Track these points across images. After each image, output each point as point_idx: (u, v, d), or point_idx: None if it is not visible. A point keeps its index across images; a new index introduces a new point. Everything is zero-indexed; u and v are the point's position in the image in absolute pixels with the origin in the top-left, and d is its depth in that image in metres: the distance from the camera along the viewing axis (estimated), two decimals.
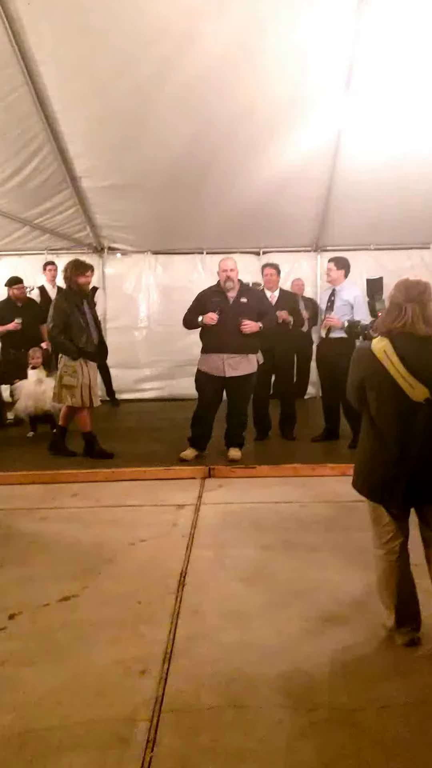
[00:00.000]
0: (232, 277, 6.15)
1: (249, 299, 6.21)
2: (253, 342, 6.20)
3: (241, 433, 6.43)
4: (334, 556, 4.13)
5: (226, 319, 6.07)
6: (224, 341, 6.12)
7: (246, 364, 6.19)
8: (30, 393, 7.26)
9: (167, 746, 2.39)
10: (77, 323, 6.27)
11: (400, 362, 2.77)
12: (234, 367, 6.15)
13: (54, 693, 2.73)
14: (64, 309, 6.26)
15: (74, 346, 6.26)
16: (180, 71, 5.71)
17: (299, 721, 2.51)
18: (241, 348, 6.13)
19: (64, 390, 6.36)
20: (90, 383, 6.38)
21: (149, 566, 4.04)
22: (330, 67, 5.71)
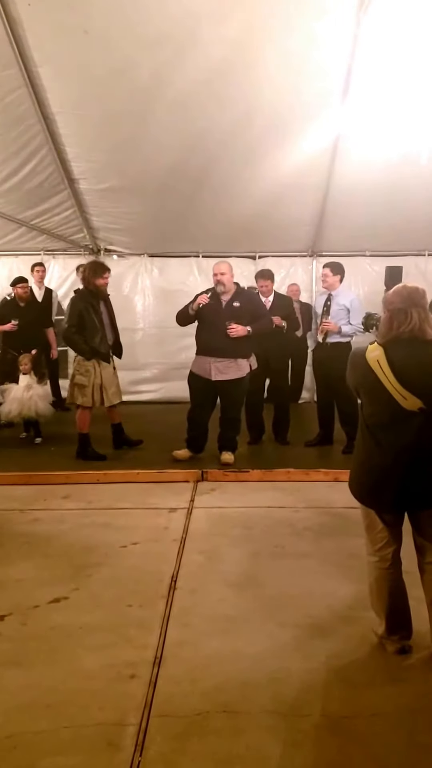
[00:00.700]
0: (222, 280, 6.17)
1: (242, 303, 6.20)
2: (244, 346, 6.17)
3: (233, 437, 6.42)
4: (326, 562, 4.12)
5: (217, 322, 6.08)
6: (213, 345, 6.14)
7: (235, 369, 6.16)
8: (16, 398, 7.13)
9: (156, 751, 2.38)
10: (92, 323, 6.35)
11: (393, 375, 2.78)
12: (222, 371, 6.15)
13: (43, 696, 2.71)
14: (79, 309, 6.37)
15: (87, 345, 6.33)
16: (179, 75, 5.71)
17: (289, 727, 2.50)
18: (229, 352, 6.12)
19: (76, 389, 6.44)
20: (102, 383, 6.44)
21: (140, 570, 4.03)
22: (328, 75, 5.72)
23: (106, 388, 6.46)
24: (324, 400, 6.85)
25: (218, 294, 6.23)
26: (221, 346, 6.11)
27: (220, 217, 8.42)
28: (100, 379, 6.43)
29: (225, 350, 6.11)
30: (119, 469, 6.14)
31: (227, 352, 6.11)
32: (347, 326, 6.43)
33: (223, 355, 6.13)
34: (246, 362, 6.24)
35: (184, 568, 4.06)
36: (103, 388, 6.45)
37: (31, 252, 9.75)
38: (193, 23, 5.10)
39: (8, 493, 5.65)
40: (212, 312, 6.16)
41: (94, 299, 6.45)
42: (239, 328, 6.04)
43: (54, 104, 6.16)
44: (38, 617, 3.43)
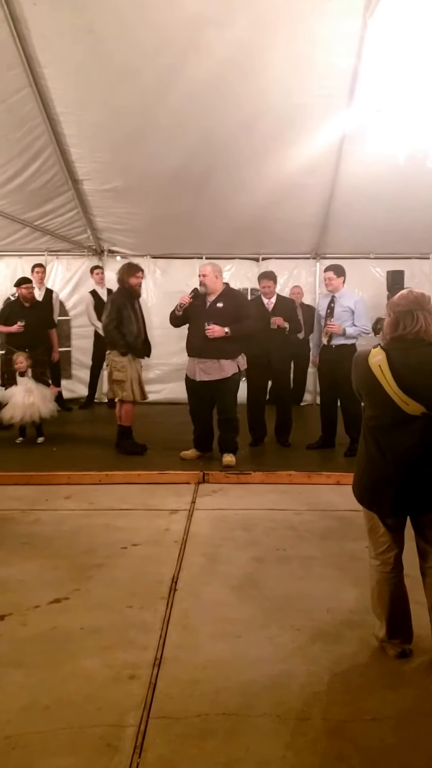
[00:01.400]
0: (204, 281, 6.22)
1: (226, 304, 6.21)
2: (227, 347, 6.15)
3: (232, 437, 6.39)
4: (328, 565, 4.11)
5: (200, 323, 6.12)
6: (196, 345, 6.21)
7: (218, 370, 6.16)
8: (17, 404, 7.10)
9: (155, 753, 2.37)
10: (129, 320, 6.54)
11: (394, 380, 2.78)
12: (206, 372, 6.18)
13: (42, 696, 2.71)
14: (118, 304, 6.55)
15: (125, 341, 6.51)
16: (184, 76, 5.71)
17: (289, 730, 2.49)
18: (211, 353, 6.13)
19: (115, 385, 6.62)
20: (139, 378, 6.65)
21: (141, 571, 4.02)
22: (334, 76, 5.71)
23: (142, 383, 6.71)
24: (327, 403, 6.83)
25: (204, 295, 6.25)
26: (203, 346, 6.14)
27: (224, 219, 8.42)
28: (137, 374, 6.64)
29: (207, 351, 6.14)
30: (121, 470, 6.13)
31: (210, 352, 6.13)
32: (351, 328, 6.43)
33: (206, 356, 6.16)
34: (231, 363, 6.19)
35: (184, 570, 4.05)
36: (141, 383, 6.69)
37: (35, 252, 9.76)
38: (199, 24, 5.10)
39: (10, 493, 5.64)
40: (197, 313, 6.21)
41: (129, 298, 6.65)
42: (216, 328, 6.04)
43: (59, 105, 6.17)
44: (39, 618, 3.42)
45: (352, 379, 3.09)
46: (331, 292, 6.70)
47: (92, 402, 9.74)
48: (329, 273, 6.66)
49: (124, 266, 6.90)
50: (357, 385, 3.03)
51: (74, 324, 10.09)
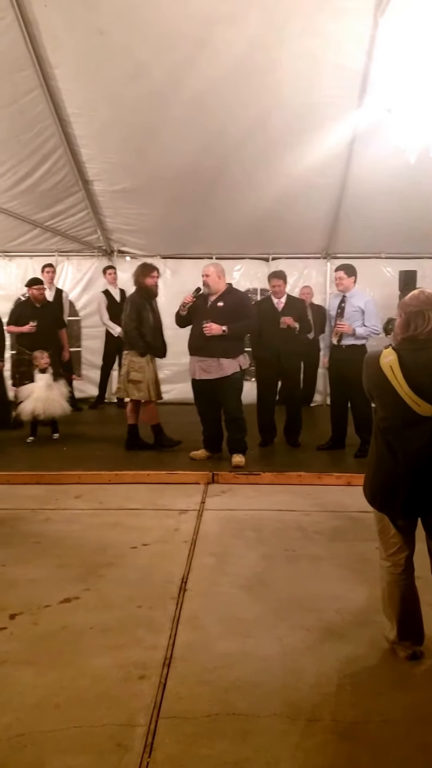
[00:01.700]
0: (206, 281, 6.25)
1: (226, 303, 6.23)
2: (226, 346, 6.15)
3: (239, 437, 6.38)
4: (338, 566, 4.10)
5: (201, 322, 6.14)
6: (196, 344, 6.26)
7: (217, 368, 6.16)
8: (40, 397, 7.22)
9: (164, 753, 2.37)
10: (147, 320, 6.61)
11: (405, 381, 2.77)
12: (206, 371, 6.20)
13: (53, 695, 2.72)
14: (138, 305, 6.62)
15: (144, 340, 6.58)
16: (194, 76, 5.71)
17: (299, 731, 2.49)
18: (210, 351, 6.14)
19: (131, 385, 6.66)
20: (156, 378, 6.70)
21: (150, 571, 4.03)
22: (345, 76, 5.71)
23: (157, 383, 6.75)
24: (337, 403, 6.81)
25: (206, 295, 6.28)
26: (202, 345, 6.17)
27: (234, 219, 8.42)
28: (154, 374, 6.69)
29: (206, 350, 6.16)
30: (131, 469, 6.14)
31: (209, 351, 6.15)
32: (361, 328, 6.41)
33: (205, 354, 6.18)
34: (231, 362, 6.18)
35: (194, 570, 4.05)
36: (158, 382, 6.74)
37: (46, 253, 9.79)
38: (209, 24, 5.11)
39: (20, 493, 5.67)
40: (198, 312, 6.24)
41: (147, 298, 6.71)
42: (214, 326, 6.06)
43: (69, 105, 6.19)
44: (49, 617, 3.44)
45: (363, 380, 3.08)
46: (342, 292, 6.67)
47: (102, 401, 9.76)
48: (340, 272, 6.64)
49: (138, 267, 6.93)
50: (368, 386, 3.02)
51: (84, 324, 10.12)
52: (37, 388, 7.27)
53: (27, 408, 7.17)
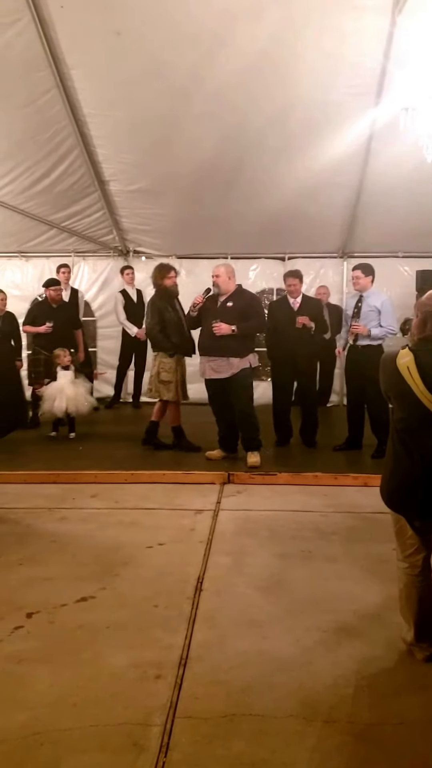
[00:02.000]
0: (217, 282, 6.26)
1: (235, 303, 6.24)
2: (236, 345, 6.15)
3: (252, 436, 6.35)
4: (354, 567, 4.08)
5: (210, 322, 6.15)
6: (205, 344, 6.29)
7: (227, 367, 6.17)
8: (66, 394, 7.33)
9: (181, 753, 2.37)
10: (171, 321, 6.62)
11: (422, 382, 2.75)
12: (215, 370, 6.22)
13: (69, 694, 2.72)
14: (159, 307, 6.64)
15: (170, 342, 6.60)
16: (210, 76, 5.72)
17: (315, 733, 2.48)
18: (219, 351, 6.16)
19: (161, 385, 6.69)
20: (184, 379, 6.73)
21: (166, 570, 4.03)
22: (362, 74, 5.68)
23: (184, 384, 6.77)
24: (354, 404, 6.77)
25: (216, 295, 6.30)
26: (212, 345, 6.19)
27: (250, 218, 8.41)
28: (182, 375, 6.73)
29: (216, 349, 6.18)
30: (146, 469, 6.15)
31: (218, 350, 6.17)
32: (377, 329, 6.37)
33: (215, 354, 6.20)
34: (241, 360, 6.17)
35: (210, 569, 4.05)
36: (184, 383, 6.76)
37: (62, 254, 9.83)
38: (226, 22, 5.11)
39: (37, 492, 5.70)
40: (208, 312, 6.26)
41: (169, 299, 6.72)
42: (223, 326, 6.07)
43: (86, 106, 6.21)
44: (66, 616, 3.45)
45: (380, 381, 3.06)
46: (359, 292, 6.64)
47: (117, 401, 9.77)
48: (357, 272, 6.61)
49: (155, 269, 6.94)
50: (385, 387, 3.00)
51: (100, 324, 10.15)
52: (66, 386, 7.40)
53: (58, 406, 7.29)
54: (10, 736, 2.45)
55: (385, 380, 2.98)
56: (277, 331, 6.89)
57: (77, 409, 7.42)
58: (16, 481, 5.97)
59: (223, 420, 6.48)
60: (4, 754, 2.36)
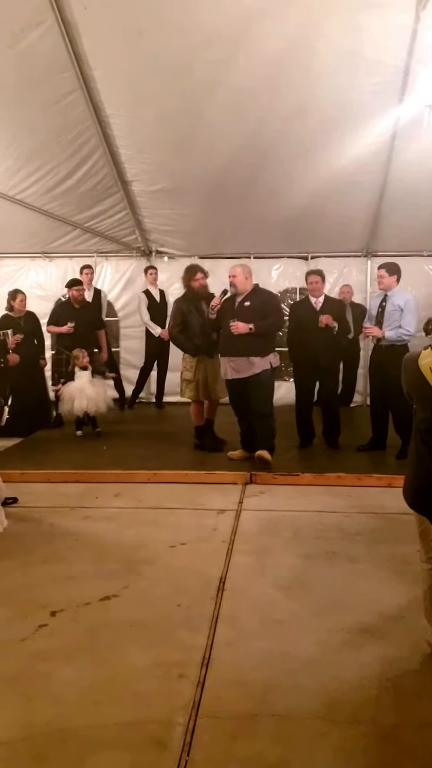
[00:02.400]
0: (234, 282, 6.25)
1: (253, 302, 6.21)
2: (256, 344, 6.11)
3: (266, 436, 6.28)
4: (378, 568, 4.05)
5: (229, 322, 6.13)
6: (226, 344, 6.26)
7: (247, 367, 6.13)
8: (85, 395, 7.42)
9: (203, 752, 2.37)
10: (194, 322, 6.66)
11: None
12: (236, 370, 6.18)
13: (93, 692, 2.74)
14: (182, 310, 6.74)
15: (190, 343, 6.68)
16: (232, 75, 5.70)
17: (339, 734, 2.46)
18: (239, 350, 6.12)
19: (184, 384, 6.81)
20: (207, 378, 6.72)
21: (189, 570, 4.04)
22: (385, 71, 5.63)
23: (211, 383, 6.75)
24: (377, 404, 6.71)
25: (234, 295, 6.29)
26: (232, 345, 6.16)
27: (272, 217, 8.38)
28: (205, 375, 6.71)
29: (236, 349, 6.15)
30: (169, 469, 6.16)
31: (238, 350, 6.13)
32: (391, 331, 6.28)
33: (235, 354, 6.16)
34: (261, 360, 6.13)
35: (232, 569, 4.05)
36: (209, 383, 6.74)
37: (85, 254, 9.88)
38: (247, 21, 5.09)
39: (61, 491, 5.73)
40: (227, 313, 6.25)
41: (195, 300, 6.75)
42: (240, 325, 6.05)
43: (108, 106, 6.24)
44: (89, 614, 3.47)
45: (402, 382, 3.04)
46: (383, 291, 6.58)
47: (136, 401, 9.77)
48: (381, 271, 6.54)
49: (185, 270, 7.04)
50: (407, 387, 2.98)
51: (123, 324, 10.18)
52: (86, 386, 7.49)
53: (78, 406, 7.40)
54: (35, 732, 2.47)
55: (407, 381, 2.96)
56: (299, 331, 6.85)
57: (97, 408, 7.52)
58: (39, 480, 6.01)
59: (244, 420, 6.46)
60: (29, 750, 2.38)
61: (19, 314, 7.89)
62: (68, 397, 7.46)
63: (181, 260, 9.97)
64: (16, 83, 5.80)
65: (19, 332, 7.23)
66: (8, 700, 2.69)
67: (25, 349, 7.36)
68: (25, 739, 2.43)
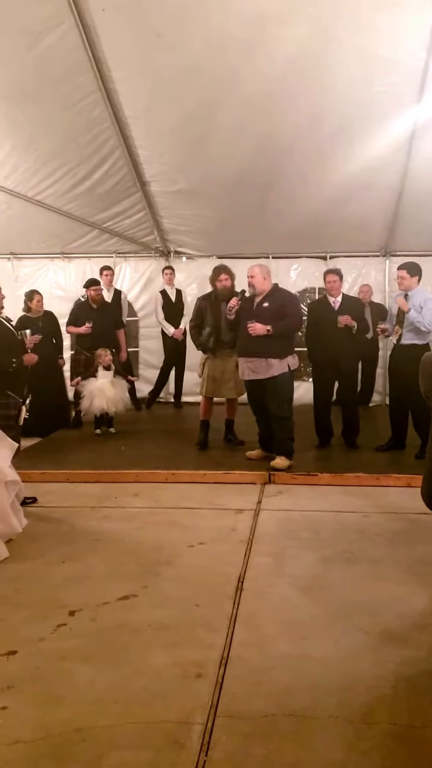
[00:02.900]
0: (252, 282, 6.23)
1: (271, 303, 6.17)
2: (274, 346, 6.06)
3: (283, 438, 6.24)
4: (398, 569, 4.03)
5: (246, 322, 6.12)
6: (243, 345, 6.23)
7: (265, 368, 6.07)
8: (105, 394, 7.52)
9: (221, 752, 2.37)
10: (207, 322, 6.77)
11: None
12: (253, 371, 6.15)
13: (111, 691, 2.75)
14: (200, 307, 6.94)
15: (198, 341, 6.86)
16: (249, 76, 5.70)
17: (357, 734, 2.45)
18: (256, 351, 6.09)
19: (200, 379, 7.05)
20: (216, 376, 6.82)
21: (207, 570, 4.04)
22: (403, 70, 5.60)
23: (219, 381, 6.81)
24: (397, 403, 6.66)
25: (252, 296, 6.27)
26: (249, 346, 6.14)
27: (290, 217, 8.37)
28: (215, 372, 6.79)
29: (253, 350, 6.12)
30: (187, 469, 6.17)
31: (255, 351, 6.10)
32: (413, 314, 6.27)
33: (252, 355, 6.13)
34: (279, 362, 6.07)
35: (251, 569, 4.04)
36: (217, 380, 6.81)
37: (104, 254, 9.94)
38: (263, 23, 5.09)
39: (80, 491, 5.77)
40: (245, 314, 6.23)
41: (215, 300, 6.81)
42: (258, 326, 6.02)
43: (127, 108, 6.26)
44: (108, 614, 3.48)
45: (420, 382, 3.02)
46: (404, 291, 6.54)
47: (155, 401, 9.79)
48: (402, 271, 6.50)
49: (212, 270, 7.11)
50: (425, 388, 2.96)
51: (142, 324, 10.23)
52: (106, 386, 7.59)
53: (97, 405, 7.51)
54: (53, 731, 2.48)
55: (425, 381, 2.95)
56: (317, 331, 6.83)
57: (116, 408, 7.63)
58: (59, 480, 6.05)
59: (262, 420, 6.44)
60: (47, 749, 2.39)
61: (36, 314, 7.94)
62: (88, 395, 7.53)
63: (199, 260, 10.02)
64: (34, 85, 5.85)
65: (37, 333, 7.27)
66: (27, 700, 2.71)
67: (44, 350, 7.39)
68: (44, 739, 2.44)
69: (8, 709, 2.63)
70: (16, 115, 6.31)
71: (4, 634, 3.26)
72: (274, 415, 6.24)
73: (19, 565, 4.16)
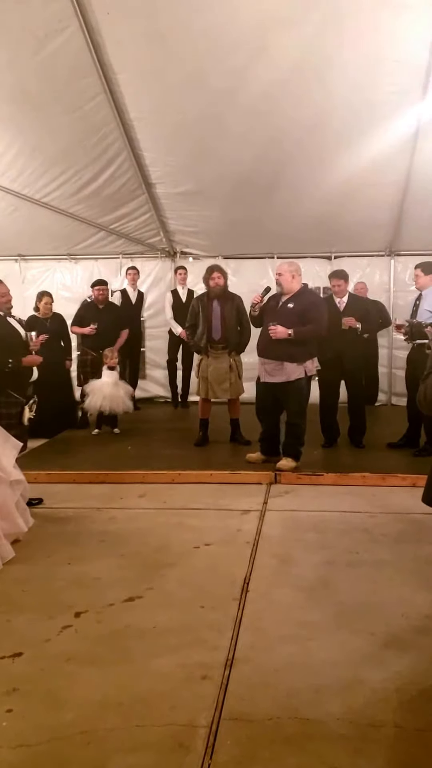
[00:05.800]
0: (279, 280, 6.17)
1: (296, 305, 6.05)
2: (292, 350, 5.96)
3: (291, 443, 6.20)
4: (403, 570, 4.03)
5: (269, 323, 6.04)
6: (263, 346, 6.17)
7: (281, 372, 6.00)
8: (107, 394, 7.52)
9: (226, 755, 2.38)
10: (201, 322, 6.84)
11: None
12: (270, 374, 6.09)
13: (116, 693, 2.75)
14: (193, 307, 7.05)
15: (191, 339, 6.94)
16: (254, 78, 5.68)
17: (362, 737, 2.45)
18: (275, 354, 6.01)
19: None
20: (208, 377, 6.85)
21: (213, 571, 4.05)
22: (407, 73, 5.58)
23: (213, 382, 6.83)
24: (412, 401, 6.66)
25: (279, 294, 6.20)
26: (269, 347, 6.06)
27: (295, 218, 8.36)
28: (207, 373, 6.83)
29: (272, 352, 6.04)
30: (193, 469, 6.17)
31: (274, 353, 6.02)
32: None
33: (271, 357, 6.06)
34: (296, 366, 5.99)
35: (256, 571, 4.05)
36: (210, 382, 6.84)
37: (110, 255, 9.97)
38: (268, 25, 5.07)
39: (86, 492, 5.78)
40: (268, 313, 6.15)
41: (207, 299, 6.88)
42: (279, 329, 5.92)
43: (132, 110, 6.26)
44: (113, 615, 3.49)
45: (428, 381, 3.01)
46: (418, 290, 6.54)
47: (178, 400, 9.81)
48: (417, 270, 6.51)
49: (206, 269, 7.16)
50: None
51: (148, 324, 10.25)
52: (106, 385, 7.60)
53: (95, 403, 7.53)
54: (58, 734, 2.49)
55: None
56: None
57: (111, 408, 7.61)
58: (65, 480, 6.07)
59: (266, 422, 6.37)
60: (52, 751, 2.40)
61: (45, 316, 7.97)
62: (91, 393, 7.58)
63: (205, 261, 10.00)
64: (40, 88, 5.85)
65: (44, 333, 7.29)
66: (32, 701, 2.72)
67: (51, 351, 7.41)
68: (48, 742, 2.45)
69: (13, 711, 2.64)
70: (23, 119, 6.32)
71: (10, 636, 3.28)
72: (289, 419, 6.20)
73: (25, 565, 4.18)
